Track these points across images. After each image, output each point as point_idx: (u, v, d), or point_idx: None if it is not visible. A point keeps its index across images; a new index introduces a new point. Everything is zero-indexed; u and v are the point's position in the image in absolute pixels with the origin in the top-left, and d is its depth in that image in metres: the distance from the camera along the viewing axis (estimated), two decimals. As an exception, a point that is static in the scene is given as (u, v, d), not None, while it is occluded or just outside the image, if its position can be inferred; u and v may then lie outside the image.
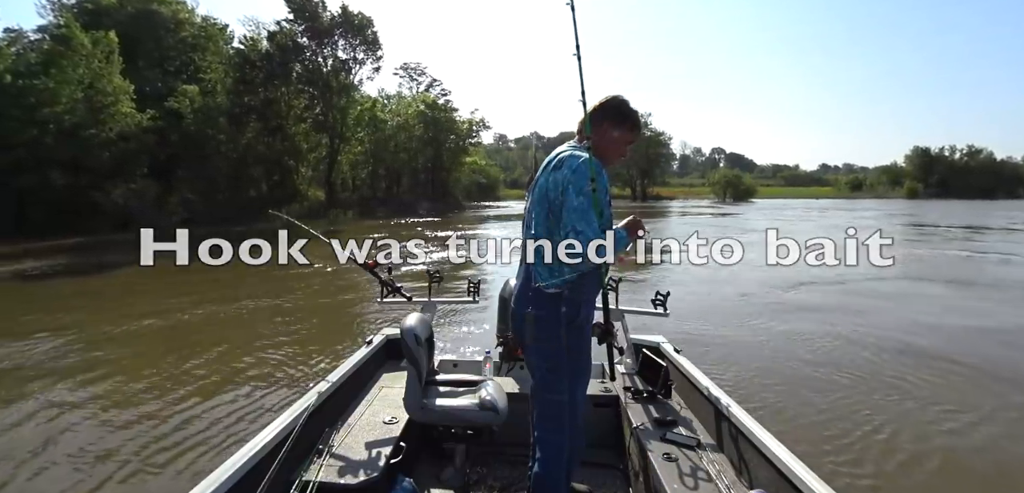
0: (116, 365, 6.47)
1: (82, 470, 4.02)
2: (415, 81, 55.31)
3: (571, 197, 2.14)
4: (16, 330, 7.99)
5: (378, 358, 3.74)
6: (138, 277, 13.34)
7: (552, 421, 2.36)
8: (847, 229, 23.03)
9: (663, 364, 3.25)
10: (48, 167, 23.99)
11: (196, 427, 4.69)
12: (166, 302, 9.79)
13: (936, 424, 4.84)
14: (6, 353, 6.91)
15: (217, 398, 5.31)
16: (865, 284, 11.28)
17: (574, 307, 2.30)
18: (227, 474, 2.05)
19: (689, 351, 3.56)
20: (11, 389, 5.72)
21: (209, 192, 30.85)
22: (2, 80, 24.18)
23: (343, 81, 40.03)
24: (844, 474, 3.91)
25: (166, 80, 32.28)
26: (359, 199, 42.65)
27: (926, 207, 54.51)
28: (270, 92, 35.74)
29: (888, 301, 9.98)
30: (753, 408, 3.32)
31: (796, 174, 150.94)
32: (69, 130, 24.77)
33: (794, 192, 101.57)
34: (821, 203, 66.05)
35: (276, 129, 35.79)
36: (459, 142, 53.62)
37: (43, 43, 27.67)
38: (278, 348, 6.98)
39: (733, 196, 79.24)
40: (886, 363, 6.40)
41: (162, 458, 4.18)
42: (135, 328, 8.23)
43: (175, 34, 34.68)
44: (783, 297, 10.23)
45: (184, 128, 30.93)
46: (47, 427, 4.74)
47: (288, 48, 36.96)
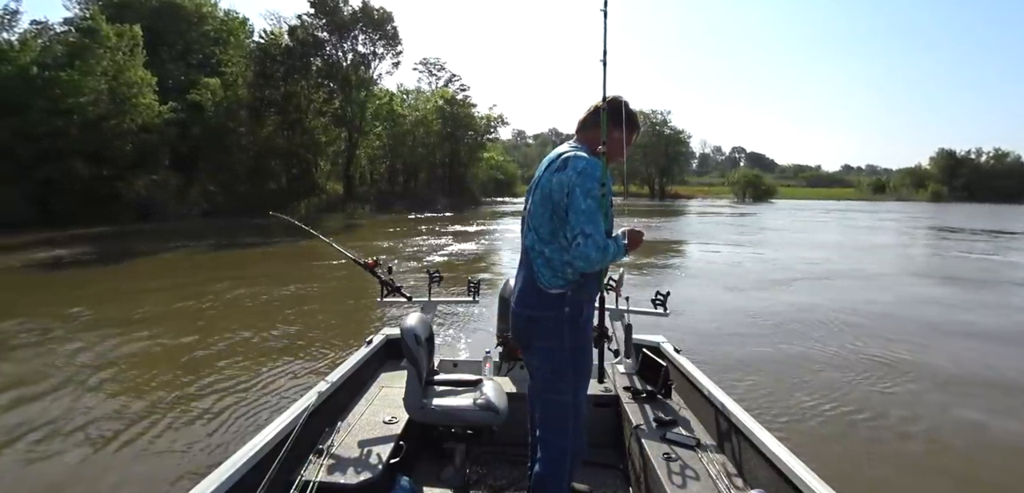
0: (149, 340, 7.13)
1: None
2: (434, 76, 55.59)
3: (578, 199, 2.11)
4: (55, 312, 8.61)
5: (378, 358, 3.75)
6: (159, 266, 14.01)
7: (556, 422, 2.35)
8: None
9: (663, 364, 3.24)
10: (72, 157, 24.51)
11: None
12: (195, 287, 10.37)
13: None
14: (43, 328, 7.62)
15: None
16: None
17: (577, 307, 2.29)
18: (227, 474, 2.06)
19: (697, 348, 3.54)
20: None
21: (230, 184, 31.30)
22: (28, 72, 24.70)
23: (362, 76, 40.27)
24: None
25: (189, 73, 32.79)
26: (377, 193, 42.96)
27: (951, 211, 53.39)
28: (290, 86, 36.14)
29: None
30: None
31: (818, 175, 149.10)
32: (93, 121, 25.28)
33: (815, 193, 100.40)
34: (841, 205, 65.09)
35: (295, 123, 36.19)
36: (477, 138, 53.75)
37: (69, 35, 28.17)
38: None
39: (752, 196, 78.49)
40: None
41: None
42: (160, 311, 8.61)
43: (198, 28, 35.16)
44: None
45: (205, 121, 31.38)
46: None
47: (308, 42, 37.31)
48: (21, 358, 6.49)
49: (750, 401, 4.97)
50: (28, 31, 29.12)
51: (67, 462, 4.04)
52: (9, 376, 5.83)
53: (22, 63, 25.08)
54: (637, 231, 2.32)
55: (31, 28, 29.54)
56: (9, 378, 5.76)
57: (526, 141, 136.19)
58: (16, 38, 28.15)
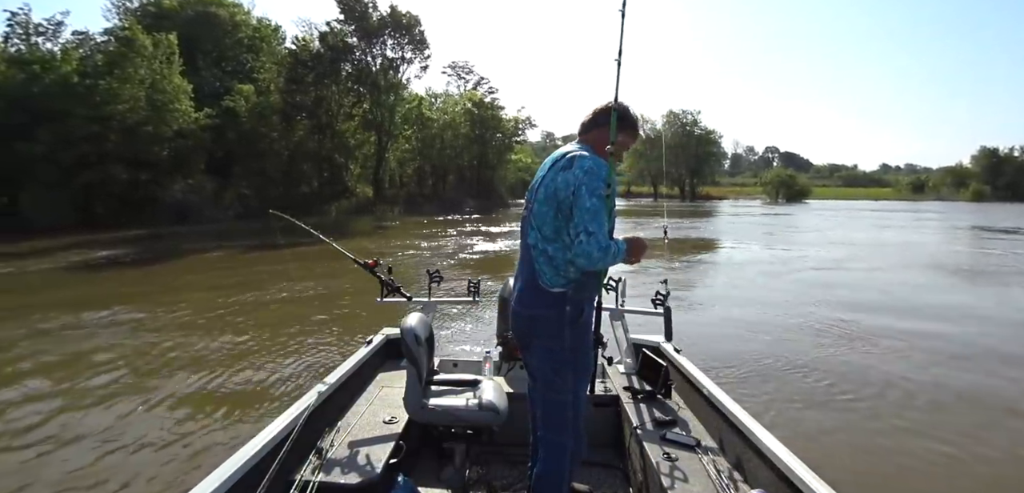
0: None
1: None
2: (463, 79, 55.80)
3: (584, 197, 2.14)
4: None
5: (378, 358, 3.76)
6: (199, 264, 15.40)
7: (556, 422, 2.36)
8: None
9: (663, 364, 3.24)
10: (111, 163, 25.32)
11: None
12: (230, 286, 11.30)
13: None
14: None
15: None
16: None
17: (577, 307, 2.32)
18: (227, 474, 2.07)
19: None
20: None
21: (263, 188, 31.86)
22: (70, 80, 25.62)
23: (391, 80, 40.68)
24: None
25: (223, 79, 33.62)
26: (406, 196, 43.29)
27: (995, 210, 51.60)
28: (320, 91, 36.67)
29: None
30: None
31: (854, 174, 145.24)
32: (131, 128, 26.08)
33: (851, 193, 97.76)
34: (877, 205, 63.35)
35: (326, 127, 36.75)
36: (505, 140, 53.71)
37: (108, 45, 29.13)
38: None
39: (785, 197, 76.79)
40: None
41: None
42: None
43: (232, 35, 36.03)
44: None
45: (239, 126, 32.12)
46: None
47: (338, 48, 37.83)
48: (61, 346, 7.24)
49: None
50: (70, 41, 30.31)
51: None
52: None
53: (64, 72, 26.07)
54: (639, 240, 2.33)
55: (73, 38, 30.73)
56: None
57: (555, 142, 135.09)
58: (58, 48, 29.29)
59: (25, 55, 28.44)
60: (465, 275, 8.86)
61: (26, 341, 7.37)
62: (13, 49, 29.62)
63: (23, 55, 28.47)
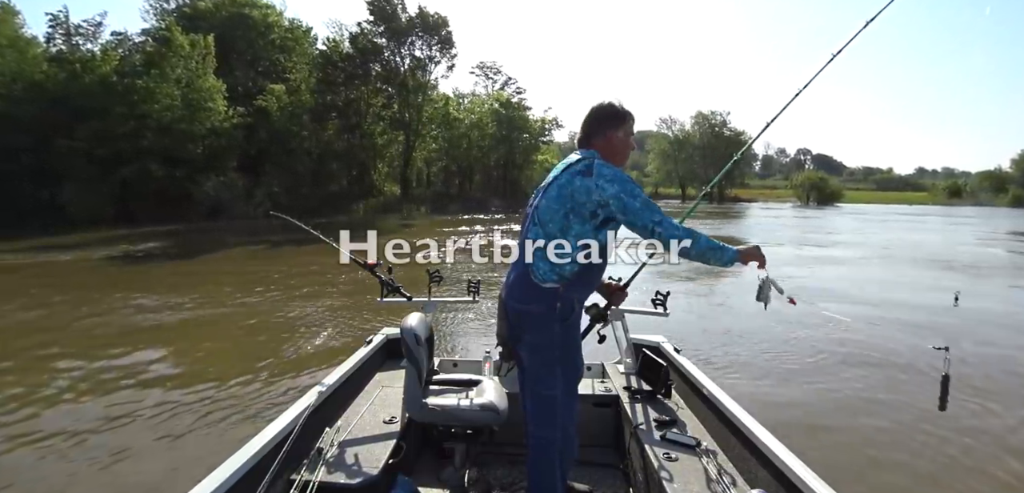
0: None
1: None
2: (490, 80, 55.91)
3: (630, 202, 2.20)
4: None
5: (378, 358, 3.74)
6: (234, 257, 16.30)
7: (543, 416, 2.40)
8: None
9: (663, 364, 3.21)
10: (147, 159, 26.11)
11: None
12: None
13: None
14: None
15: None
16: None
17: (568, 304, 2.33)
18: (227, 474, 2.06)
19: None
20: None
21: (293, 186, 32.48)
22: (108, 80, 26.43)
23: (419, 80, 41.03)
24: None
25: (256, 79, 34.28)
26: (432, 195, 43.61)
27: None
28: (350, 91, 37.24)
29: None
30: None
31: (889, 178, 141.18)
32: (166, 126, 26.86)
33: (885, 197, 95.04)
34: (911, 210, 61.60)
35: (355, 127, 37.28)
36: (531, 140, 53.66)
37: (146, 46, 29.97)
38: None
39: (817, 200, 75.23)
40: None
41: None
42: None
43: (265, 37, 36.65)
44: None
45: (271, 125, 32.77)
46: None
47: (368, 49, 38.30)
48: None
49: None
50: (109, 42, 31.25)
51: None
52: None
53: (103, 72, 26.93)
54: (756, 249, 2.43)
55: (112, 39, 31.68)
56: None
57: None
58: (98, 48, 30.22)
59: (66, 55, 29.37)
60: (481, 271, 9.05)
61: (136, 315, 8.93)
62: (54, 49, 30.58)
63: (64, 55, 29.39)
